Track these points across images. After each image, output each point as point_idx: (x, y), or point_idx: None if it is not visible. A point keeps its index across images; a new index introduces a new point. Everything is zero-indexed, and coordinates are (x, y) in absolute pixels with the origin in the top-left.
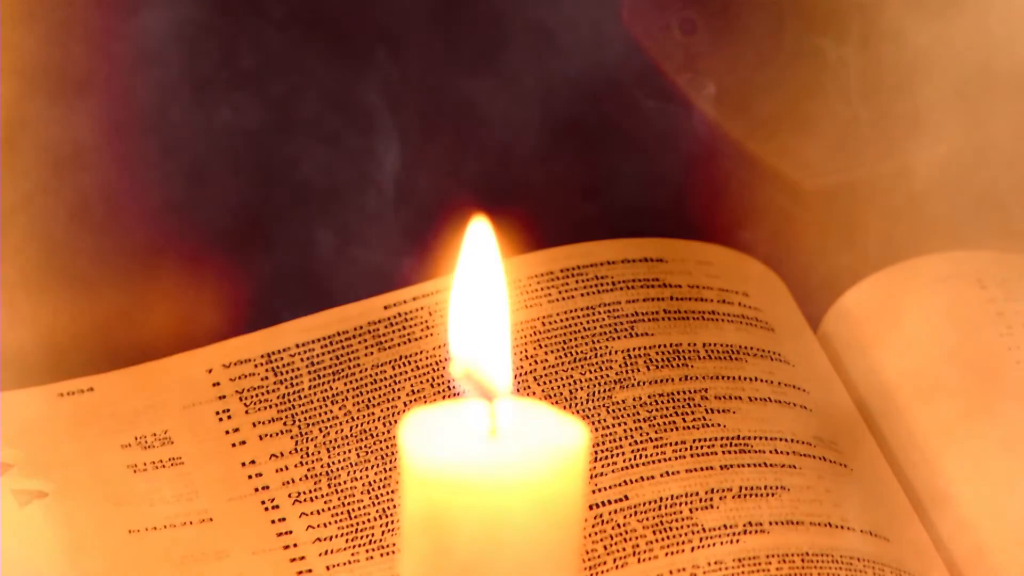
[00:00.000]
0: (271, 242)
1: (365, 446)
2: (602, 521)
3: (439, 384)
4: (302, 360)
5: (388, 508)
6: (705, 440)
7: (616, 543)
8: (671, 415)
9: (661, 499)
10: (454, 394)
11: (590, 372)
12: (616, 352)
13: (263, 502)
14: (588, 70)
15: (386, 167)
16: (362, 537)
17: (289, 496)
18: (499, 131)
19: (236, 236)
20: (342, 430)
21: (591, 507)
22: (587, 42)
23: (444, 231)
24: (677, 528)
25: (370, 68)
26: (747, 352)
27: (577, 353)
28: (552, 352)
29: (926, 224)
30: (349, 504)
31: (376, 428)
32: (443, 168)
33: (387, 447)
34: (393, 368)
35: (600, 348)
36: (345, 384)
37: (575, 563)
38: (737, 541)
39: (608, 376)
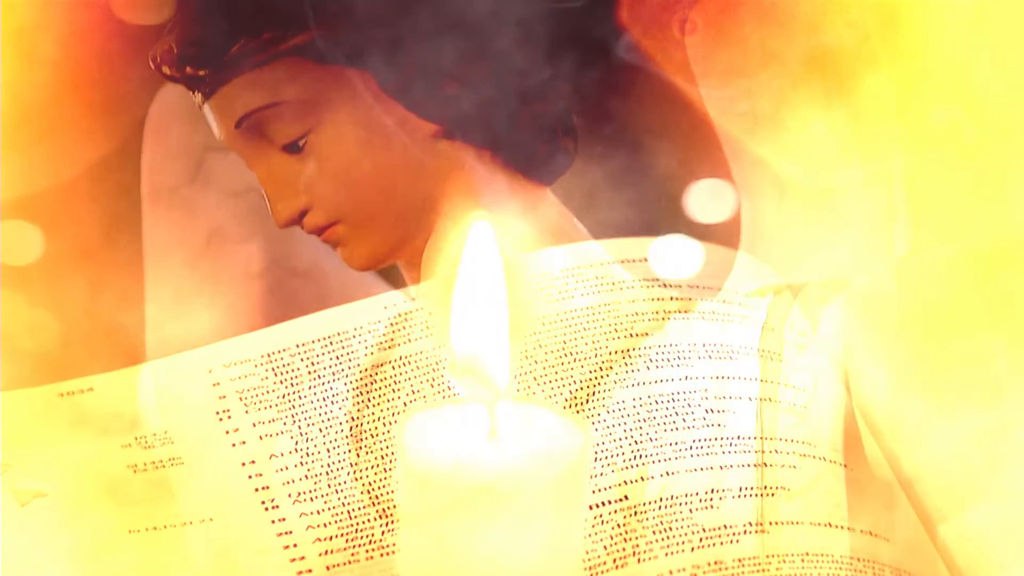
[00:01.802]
0: (271, 241)
1: (365, 446)
2: (602, 521)
3: (439, 384)
4: (302, 360)
5: (388, 508)
6: (705, 440)
7: (616, 543)
8: (671, 415)
9: (661, 499)
10: (454, 394)
11: (590, 372)
12: (616, 352)
13: (263, 502)
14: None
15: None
16: (362, 537)
17: (289, 496)
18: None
19: (236, 235)
20: (342, 430)
21: (591, 507)
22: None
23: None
24: (677, 528)
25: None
26: (747, 352)
27: (577, 353)
28: (552, 352)
29: (924, 223)
30: (349, 504)
31: (376, 428)
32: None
33: (387, 447)
34: (393, 368)
35: (600, 348)
36: (345, 384)
37: (575, 563)
38: (737, 541)
39: (608, 376)
